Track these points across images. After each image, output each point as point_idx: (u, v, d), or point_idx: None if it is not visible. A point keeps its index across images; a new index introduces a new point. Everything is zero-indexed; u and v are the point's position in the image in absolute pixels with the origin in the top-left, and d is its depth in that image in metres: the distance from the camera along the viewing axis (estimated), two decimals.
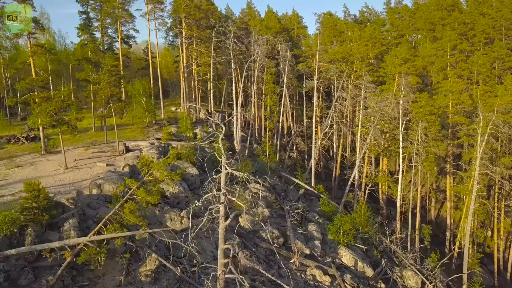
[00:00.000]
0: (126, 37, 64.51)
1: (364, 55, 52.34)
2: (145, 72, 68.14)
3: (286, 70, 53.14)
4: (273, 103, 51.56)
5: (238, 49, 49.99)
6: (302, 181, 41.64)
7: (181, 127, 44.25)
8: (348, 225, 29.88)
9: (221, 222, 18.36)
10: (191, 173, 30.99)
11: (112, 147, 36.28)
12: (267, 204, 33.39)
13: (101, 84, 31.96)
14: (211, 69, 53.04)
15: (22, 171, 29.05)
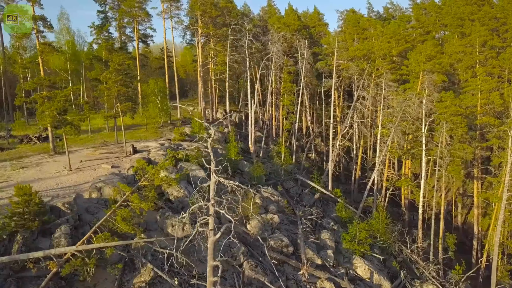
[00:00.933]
0: (143, 36, 64.20)
1: (386, 52, 49.83)
2: (163, 71, 67.48)
3: (305, 68, 51.32)
4: (290, 102, 49.77)
5: (254, 47, 48.44)
6: (318, 185, 39.79)
7: (193, 127, 43.09)
8: (364, 233, 27.91)
9: (210, 236, 16.81)
10: (198, 176, 29.61)
11: (121, 148, 35.41)
12: (278, 209, 31.77)
13: (108, 83, 31.09)
14: (227, 68, 51.69)
15: (26, 173, 28.43)
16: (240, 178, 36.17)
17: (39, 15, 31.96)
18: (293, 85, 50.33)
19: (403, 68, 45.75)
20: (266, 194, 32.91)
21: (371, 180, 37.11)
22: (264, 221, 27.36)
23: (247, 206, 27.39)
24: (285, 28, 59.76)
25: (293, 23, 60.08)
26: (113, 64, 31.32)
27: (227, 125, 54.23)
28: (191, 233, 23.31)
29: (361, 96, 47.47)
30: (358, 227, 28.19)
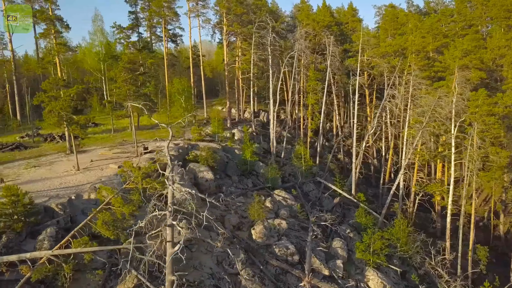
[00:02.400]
0: (173, 36, 64.46)
1: (419, 48, 46.67)
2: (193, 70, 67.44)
3: (332, 66, 49.19)
4: (315, 101, 47.79)
5: (278, 44, 46.96)
6: (340, 188, 37.71)
7: (212, 127, 42.34)
8: (379, 243, 25.73)
9: (168, 248, 15.57)
10: (206, 177, 28.69)
11: (136, 148, 35.20)
12: (291, 214, 30.23)
13: (117, 82, 30.88)
14: (252, 66, 50.53)
15: (36, 172, 28.74)
16: (254, 180, 34.96)
17: (56, 15, 32.37)
18: (319, 83, 48.28)
19: (436, 64, 42.55)
20: (279, 197, 31.45)
21: (395, 184, 34.57)
22: (270, 226, 25.92)
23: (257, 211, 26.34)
24: (314, 24, 57.80)
25: (322, 19, 57.97)
26: (122, 62, 31.07)
27: (251, 124, 53.15)
28: (187, 237, 22.44)
29: (391, 95, 44.66)
30: (372, 236, 26.05)
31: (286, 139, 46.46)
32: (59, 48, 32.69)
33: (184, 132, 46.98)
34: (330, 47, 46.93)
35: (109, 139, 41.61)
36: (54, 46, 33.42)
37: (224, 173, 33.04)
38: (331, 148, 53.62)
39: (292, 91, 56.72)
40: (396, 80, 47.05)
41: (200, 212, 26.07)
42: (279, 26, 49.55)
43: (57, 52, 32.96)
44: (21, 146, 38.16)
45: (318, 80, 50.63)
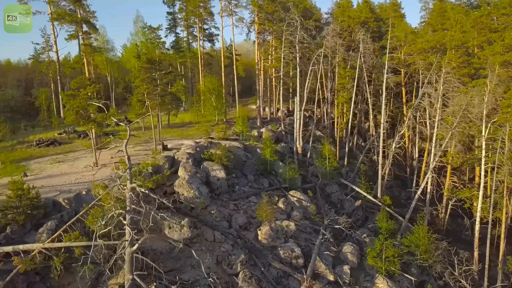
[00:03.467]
0: (209, 36, 65.31)
1: (458, 44, 43.77)
2: (228, 70, 67.97)
3: (364, 63, 47.46)
4: (345, 100, 46.34)
5: (306, 42, 45.99)
6: (365, 190, 36.33)
7: (236, 126, 42.32)
8: (391, 250, 24.42)
9: (127, 247, 15.48)
10: (217, 176, 28.67)
11: (158, 145, 35.97)
12: (304, 216, 29.52)
13: (136, 82, 31.69)
14: (282, 64, 49.92)
15: (58, 167, 30.19)
16: (273, 180, 34.50)
17: (83, 16, 33.82)
18: (350, 82, 46.76)
19: (474, 61, 39.69)
20: (294, 198, 30.79)
21: (421, 188, 32.68)
22: (277, 228, 25.41)
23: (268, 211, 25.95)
24: (349, 21, 56.11)
25: (358, 15, 56.06)
26: (140, 62, 31.82)
27: (280, 123, 52.60)
28: (189, 236, 22.57)
29: (426, 93, 42.26)
30: (385, 242, 24.76)
31: (313, 139, 45.38)
32: (85, 49, 34.15)
33: (213, 130, 47.44)
34: (362, 44, 45.21)
35: (137, 136, 42.81)
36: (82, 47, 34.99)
37: (241, 172, 32.90)
38: (361, 147, 51.87)
39: (324, 89, 55.53)
40: (433, 78, 44.50)
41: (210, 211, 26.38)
42: (310, 24, 48.45)
43: (84, 52, 34.43)
44: (56, 142, 40.30)
45: (353, 78, 49.03)
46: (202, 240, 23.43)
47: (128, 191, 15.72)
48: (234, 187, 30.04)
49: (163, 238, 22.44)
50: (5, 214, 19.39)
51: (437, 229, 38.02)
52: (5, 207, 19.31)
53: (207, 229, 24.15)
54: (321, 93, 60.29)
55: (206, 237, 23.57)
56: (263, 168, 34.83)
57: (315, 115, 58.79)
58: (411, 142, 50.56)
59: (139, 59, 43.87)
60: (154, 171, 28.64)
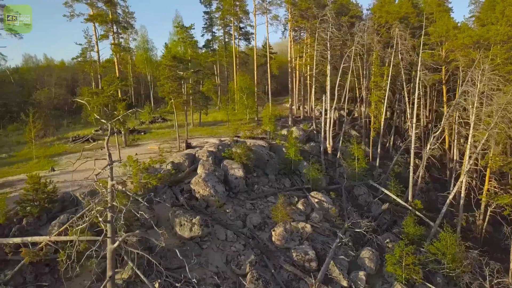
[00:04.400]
0: (245, 34, 65.39)
1: (504, 38, 40.74)
2: (264, 68, 67.70)
3: (401, 60, 45.37)
4: (379, 98, 44.55)
5: (338, 39, 44.72)
6: (395, 193, 34.67)
7: (264, 124, 41.91)
8: (411, 257, 23.06)
9: (108, 244, 15.39)
10: (236, 175, 28.44)
11: (182, 143, 36.38)
12: (325, 218, 28.63)
13: (161, 80, 32.14)
14: (314, 62, 48.95)
15: (86, 163, 31.15)
16: (296, 180, 33.81)
17: (114, 17, 34.85)
18: (383, 80, 44.86)
19: None
20: (315, 200, 29.94)
21: (453, 193, 30.69)
22: (291, 229, 24.78)
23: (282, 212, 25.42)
24: (387, 16, 53.95)
25: (397, 11, 53.71)
26: (165, 60, 32.24)
27: (312, 123, 51.60)
28: (199, 234, 22.52)
29: (466, 92, 39.69)
30: (404, 248, 23.42)
31: (348, 138, 44.00)
32: (115, 48, 35.16)
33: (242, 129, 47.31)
34: (399, 40, 43.24)
35: (168, 134, 43.59)
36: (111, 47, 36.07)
37: (263, 172, 32.47)
38: (397, 148, 49.72)
39: (359, 87, 53.82)
40: (475, 75, 41.72)
41: (225, 209, 26.23)
42: (343, 20, 47.00)
43: (114, 52, 35.45)
44: (91, 138, 41.90)
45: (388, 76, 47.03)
46: (214, 238, 23.28)
47: (108, 188, 15.74)
48: (253, 186, 29.69)
49: (174, 235, 22.57)
50: (23, 207, 20.24)
51: (473, 237, 35.68)
52: (22, 200, 20.16)
53: (220, 227, 23.99)
54: (357, 91, 58.60)
55: (218, 236, 23.41)
56: (287, 167, 34.20)
57: (351, 114, 57.14)
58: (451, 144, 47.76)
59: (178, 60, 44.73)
60: (174, 168, 28.95)
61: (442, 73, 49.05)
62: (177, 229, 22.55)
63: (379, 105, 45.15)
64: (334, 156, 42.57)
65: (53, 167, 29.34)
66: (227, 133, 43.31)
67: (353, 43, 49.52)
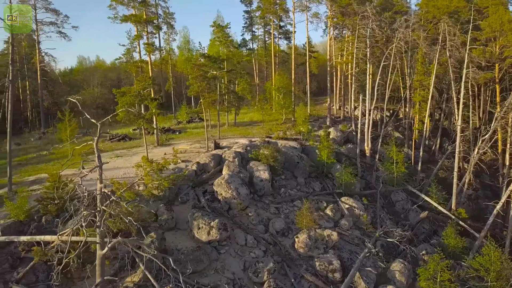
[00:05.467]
0: (285, 33, 64.27)
1: None
2: (304, 68, 66.12)
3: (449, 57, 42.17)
4: (422, 98, 41.73)
5: (379, 36, 42.38)
6: (435, 200, 32.15)
7: (297, 125, 40.54)
8: (447, 274, 20.90)
9: (98, 249, 14.69)
10: (261, 177, 27.41)
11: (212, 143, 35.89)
12: (355, 225, 26.97)
13: (190, 80, 31.75)
14: (354, 60, 46.85)
15: (115, 161, 31.55)
16: (327, 184, 32.21)
17: (148, 17, 35.07)
18: (428, 78, 41.89)
19: None
20: (345, 205, 28.26)
21: (501, 203, 27.81)
22: (316, 237, 23.37)
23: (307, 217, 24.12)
24: (434, 11, 50.61)
25: (446, 5, 50.22)
26: (193, 59, 31.84)
27: (351, 123, 49.49)
28: (217, 238, 21.76)
29: None
30: (439, 263, 21.28)
31: (383, 140, 41.62)
32: (148, 48, 35.33)
33: (277, 129, 46.14)
34: (447, 36, 40.25)
35: (202, 134, 43.17)
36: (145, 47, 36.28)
37: (292, 174, 31.19)
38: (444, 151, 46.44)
39: (403, 87, 50.99)
40: None
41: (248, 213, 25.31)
42: (386, 16, 44.58)
43: (148, 52, 35.64)
44: (126, 137, 42.62)
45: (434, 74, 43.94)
46: (233, 243, 22.42)
47: (98, 191, 15.23)
48: (280, 189, 28.52)
49: (191, 238, 21.96)
50: (44, 205, 20.46)
51: None
52: (42, 198, 20.38)
53: (240, 232, 23.10)
54: (402, 91, 55.60)
55: (237, 241, 22.52)
56: (319, 170, 32.71)
57: (395, 115, 54.32)
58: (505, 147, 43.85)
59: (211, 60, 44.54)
60: (200, 169, 28.46)
61: (496, 71, 45.17)
62: (195, 232, 21.88)
63: (423, 105, 42.29)
64: (373, 159, 40.35)
65: (83, 165, 29.80)
66: (260, 133, 42.40)
67: (395, 40, 46.97)
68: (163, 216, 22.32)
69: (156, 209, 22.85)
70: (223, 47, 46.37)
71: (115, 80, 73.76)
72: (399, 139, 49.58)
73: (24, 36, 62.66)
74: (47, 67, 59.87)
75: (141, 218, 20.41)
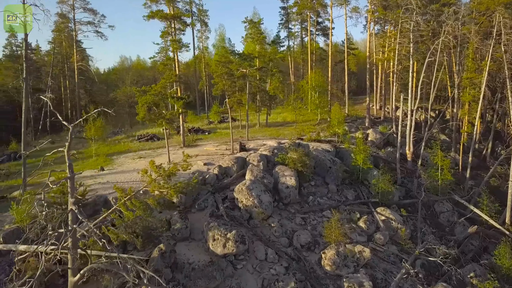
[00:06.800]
0: (323, 29, 61.45)
1: None
2: (343, 66, 62.89)
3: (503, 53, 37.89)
4: (473, 98, 37.69)
5: (425, 30, 38.74)
6: (486, 213, 28.48)
7: (331, 126, 37.76)
8: None
9: (70, 277, 12.75)
10: (287, 184, 25.09)
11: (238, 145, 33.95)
12: (392, 240, 24.08)
13: (215, 78, 29.95)
14: (396, 56, 43.37)
15: (136, 163, 30.35)
16: (363, 192, 29.36)
17: (173, 13, 33.66)
18: (480, 76, 37.75)
19: None
20: (381, 217, 25.37)
21: None
22: (345, 253, 20.79)
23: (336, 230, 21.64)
24: (488, 2, 45.91)
25: None
26: (217, 56, 30.00)
27: (392, 125, 45.94)
28: (233, 251, 19.72)
29: None
30: None
31: (426, 144, 37.95)
32: (173, 45, 33.91)
33: (310, 130, 43.46)
34: (503, 30, 36.12)
35: (225, 134, 41.61)
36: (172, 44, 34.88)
37: (323, 180, 28.61)
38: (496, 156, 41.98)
39: (451, 85, 46.86)
40: None
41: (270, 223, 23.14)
42: (433, 8, 40.77)
43: (174, 49, 34.24)
44: (154, 137, 41.63)
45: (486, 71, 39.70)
46: (251, 257, 20.31)
47: (69, 206, 13.42)
48: (308, 197, 26.08)
49: (206, 250, 20.07)
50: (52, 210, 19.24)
51: None
52: (48, 203, 19.17)
53: (260, 244, 20.94)
54: (449, 90, 51.26)
55: (256, 255, 20.38)
56: (354, 176, 29.94)
57: (440, 116, 50.12)
58: None
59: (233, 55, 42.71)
60: (222, 173, 26.60)
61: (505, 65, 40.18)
62: (210, 243, 19.96)
63: (474, 105, 38.27)
64: (414, 164, 36.87)
65: (103, 166, 28.82)
66: (292, 134, 39.95)
67: (442, 34, 43.01)
68: (176, 225, 20.60)
69: (170, 217, 21.19)
70: (256, 44, 44.33)
71: (151, 79, 73.68)
72: (445, 143, 45.56)
73: (65, 36, 63.68)
74: (84, 66, 60.34)
75: (151, 227, 18.79)
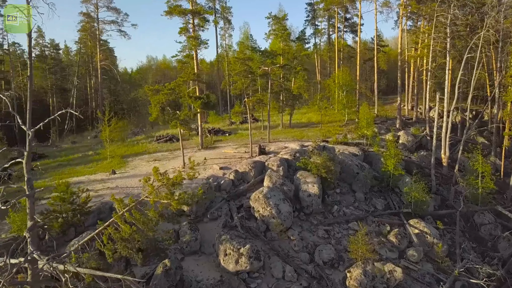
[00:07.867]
0: (351, 26, 58.67)
1: None
2: (371, 64, 59.86)
3: None
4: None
5: (462, 23, 35.55)
6: None
7: (359, 127, 35.16)
8: None
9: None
10: (309, 192, 22.85)
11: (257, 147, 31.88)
12: (428, 256, 21.46)
13: (233, 77, 28.05)
14: (430, 53, 40.26)
15: (150, 166, 28.73)
16: (394, 200, 26.73)
17: (192, 8, 32.08)
18: None
19: None
20: (415, 230, 22.73)
21: None
22: (374, 273, 18.39)
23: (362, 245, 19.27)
24: None
25: None
26: (238, 53, 28.10)
27: (426, 126, 42.83)
28: (246, 268, 17.68)
29: None
30: None
31: (464, 147, 34.73)
32: (192, 42, 32.28)
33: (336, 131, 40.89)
34: None
35: (253, 135, 39.51)
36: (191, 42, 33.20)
37: (349, 188, 26.16)
38: None
39: (490, 84, 43.30)
40: None
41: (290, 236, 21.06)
42: (471, 1, 37.42)
43: (193, 46, 32.60)
44: (173, 138, 40.19)
45: None
46: (267, 275, 18.19)
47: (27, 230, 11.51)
48: (333, 206, 23.72)
49: (217, 266, 18.13)
50: (50, 219, 17.83)
51: None
52: (47, 211, 17.76)
53: (277, 260, 18.81)
54: (488, 89, 47.56)
55: (272, 272, 18.26)
56: (384, 183, 27.37)
57: (479, 117, 46.52)
58: None
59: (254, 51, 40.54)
60: (238, 178, 24.66)
61: None
62: (221, 259, 17.98)
63: None
64: (451, 170, 33.81)
65: (114, 170, 27.40)
66: (317, 136, 37.55)
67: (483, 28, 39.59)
68: (185, 237, 18.78)
69: (179, 227, 19.40)
70: (279, 41, 42.17)
71: (174, 78, 72.71)
72: (484, 146, 41.99)
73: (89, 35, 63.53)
74: (107, 66, 59.85)
75: (157, 239, 16.99)
